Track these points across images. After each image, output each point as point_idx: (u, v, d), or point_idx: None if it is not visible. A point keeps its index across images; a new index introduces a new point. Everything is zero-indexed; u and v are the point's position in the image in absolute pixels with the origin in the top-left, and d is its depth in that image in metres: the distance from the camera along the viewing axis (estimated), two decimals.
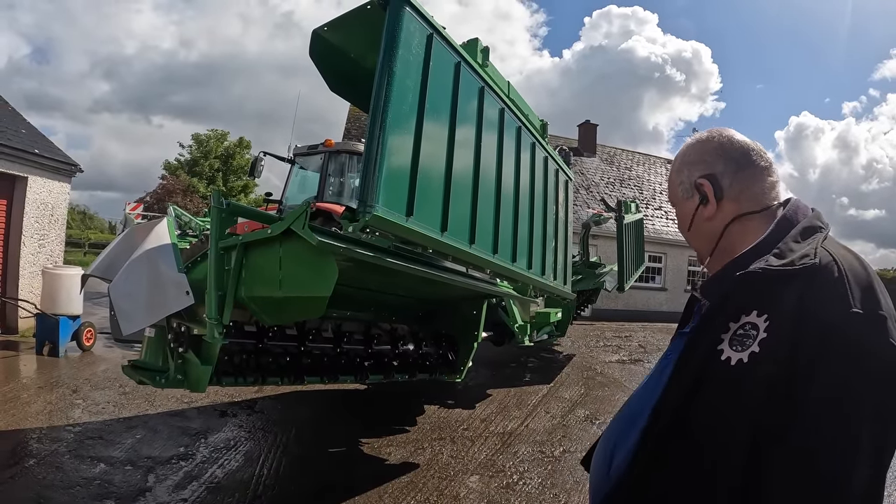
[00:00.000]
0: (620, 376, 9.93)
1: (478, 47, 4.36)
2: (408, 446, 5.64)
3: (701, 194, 1.34)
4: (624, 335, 15.92)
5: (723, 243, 1.32)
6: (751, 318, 1.10)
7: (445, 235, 3.63)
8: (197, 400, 6.61)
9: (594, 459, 1.43)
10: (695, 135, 1.44)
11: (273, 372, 4.38)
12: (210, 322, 3.51)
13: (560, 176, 6.17)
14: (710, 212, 1.33)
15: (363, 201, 2.93)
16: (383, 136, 2.98)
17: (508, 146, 4.69)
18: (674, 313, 22.82)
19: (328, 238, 3.16)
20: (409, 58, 3.27)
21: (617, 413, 1.46)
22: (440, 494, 4.60)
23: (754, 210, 1.29)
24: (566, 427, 6.66)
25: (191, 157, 42.12)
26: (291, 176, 11.79)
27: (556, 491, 4.81)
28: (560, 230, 6.13)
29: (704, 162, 1.35)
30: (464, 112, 3.88)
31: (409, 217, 3.24)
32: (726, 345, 1.11)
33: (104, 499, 4.11)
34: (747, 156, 1.32)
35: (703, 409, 1.10)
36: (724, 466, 1.05)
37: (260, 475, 4.73)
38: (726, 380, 1.08)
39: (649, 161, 30.65)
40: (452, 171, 3.70)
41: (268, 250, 3.50)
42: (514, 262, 4.77)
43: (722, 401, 1.08)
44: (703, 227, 1.36)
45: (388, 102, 3.03)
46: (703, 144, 1.38)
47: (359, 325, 5.22)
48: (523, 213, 5.05)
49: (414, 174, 3.29)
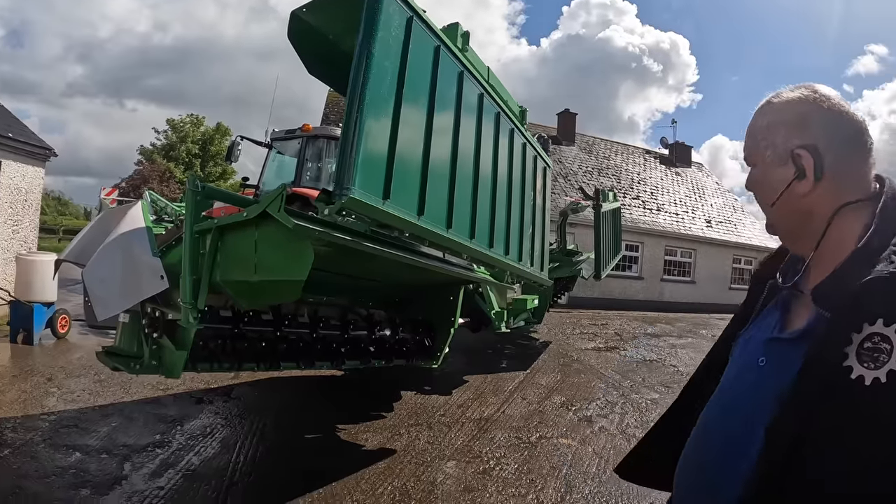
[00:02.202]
0: (597, 363, 10.01)
1: (458, 31, 4.33)
2: (384, 432, 5.64)
3: (798, 167, 1.15)
4: (600, 323, 16.05)
5: (829, 236, 1.14)
6: (878, 329, 0.96)
7: (422, 219, 3.62)
8: (173, 387, 6.56)
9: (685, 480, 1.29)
10: (794, 89, 1.22)
11: (249, 357, 4.35)
12: (184, 306, 3.46)
13: (538, 163, 6.18)
14: (805, 189, 1.15)
15: (339, 183, 2.90)
16: (361, 117, 2.95)
17: (487, 131, 4.68)
18: (649, 301, 23.11)
19: (304, 221, 3.12)
20: (389, 40, 3.24)
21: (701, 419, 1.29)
22: (417, 480, 4.60)
23: (860, 198, 1.13)
24: (542, 413, 6.70)
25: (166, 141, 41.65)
26: (268, 161, 11.69)
27: (532, 476, 4.84)
28: (538, 217, 6.15)
29: (807, 128, 1.15)
30: (443, 96, 3.86)
31: (385, 200, 3.22)
32: (854, 360, 0.96)
33: (80, 488, 4.05)
34: (860, 135, 1.16)
35: (837, 432, 0.96)
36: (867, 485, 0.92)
37: (236, 462, 4.69)
38: (861, 402, 0.94)
39: (627, 150, 30.81)
40: (430, 155, 3.69)
41: (243, 234, 3.45)
42: (492, 248, 4.78)
43: (858, 422, 0.94)
44: (792, 203, 1.18)
45: (366, 84, 3.00)
46: (809, 106, 1.17)
47: (335, 310, 5.19)
48: (501, 198, 5.05)
49: (391, 157, 3.27)
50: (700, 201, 28.96)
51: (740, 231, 28.35)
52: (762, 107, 1.25)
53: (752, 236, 28.40)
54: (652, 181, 28.27)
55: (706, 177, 32.62)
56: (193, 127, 42.55)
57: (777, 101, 1.22)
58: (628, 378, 9.03)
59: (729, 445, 1.15)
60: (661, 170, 30.21)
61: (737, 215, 29.80)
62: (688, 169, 31.89)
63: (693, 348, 12.92)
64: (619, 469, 1.57)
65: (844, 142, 1.14)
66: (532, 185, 5.93)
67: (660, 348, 12.49)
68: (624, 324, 16.41)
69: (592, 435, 6.04)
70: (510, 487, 4.60)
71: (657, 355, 11.51)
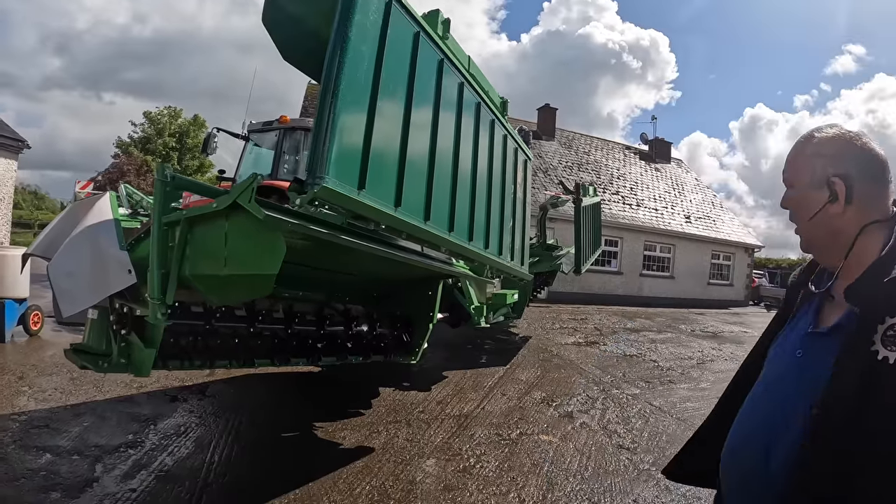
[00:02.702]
0: (577, 358, 9.99)
1: (438, 19, 4.23)
2: (363, 430, 5.53)
3: (832, 192, 1.41)
4: (580, 318, 16.08)
5: (856, 249, 1.39)
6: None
7: (399, 211, 3.48)
8: (147, 385, 6.42)
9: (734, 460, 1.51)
10: (832, 127, 1.49)
11: (222, 355, 4.21)
12: (152, 302, 3.29)
13: (519, 155, 6.08)
14: (837, 210, 1.41)
15: (312, 172, 2.77)
16: (335, 104, 2.82)
17: (467, 122, 4.58)
18: (629, 296, 23.23)
19: (276, 212, 2.99)
20: (366, 24, 3.11)
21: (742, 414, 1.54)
22: (396, 479, 4.50)
23: (881, 219, 1.39)
24: (523, 409, 6.63)
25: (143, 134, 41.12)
26: (245, 153, 11.48)
27: (513, 474, 4.76)
28: (518, 210, 6.05)
29: (843, 161, 1.41)
30: (422, 84, 3.73)
31: (360, 190, 3.08)
32: (879, 345, 1.23)
33: (50, 491, 3.90)
34: (884, 171, 1.42)
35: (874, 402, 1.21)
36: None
37: (211, 462, 4.56)
38: (890, 372, 1.20)
39: (608, 146, 30.94)
40: (408, 145, 3.55)
41: (213, 225, 3.27)
42: (471, 241, 4.67)
43: (891, 390, 1.20)
44: (825, 222, 1.43)
45: (341, 69, 2.87)
46: (844, 143, 1.44)
47: (311, 305, 5.06)
48: (481, 191, 4.95)
49: (367, 146, 3.13)
50: (679, 197, 29.15)
51: (719, 227, 28.57)
52: (805, 140, 1.50)
53: (730, 232, 28.66)
54: (631, 177, 28.41)
55: (685, 173, 32.84)
56: (171, 120, 42.05)
57: (819, 135, 1.48)
58: (608, 373, 9.02)
59: (773, 419, 1.41)
60: (641, 165, 30.38)
61: (716, 211, 30.05)
62: (667, 165, 32.09)
63: (672, 343, 12.98)
64: (667, 471, 1.84)
65: (871, 174, 1.41)
66: (513, 177, 5.83)
67: (639, 343, 12.52)
68: (604, 319, 16.44)
69: (574, 431, 5.99)
70: (491, 486, 4.52)
71: (637, 350, 11.54)
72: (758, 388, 1.53)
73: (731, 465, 1.52)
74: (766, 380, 1.52)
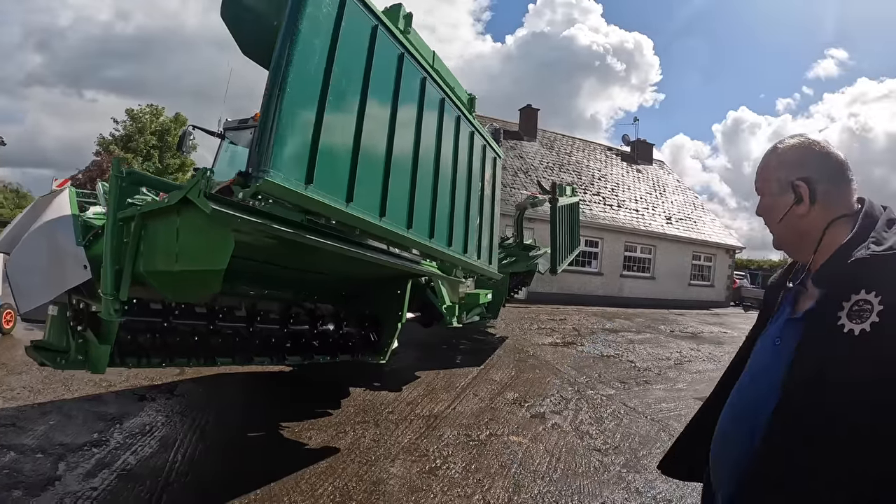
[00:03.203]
0: (553, 359, 9.96)
1: (400, 13, 4.20)
2: (329, 430, 5.46)
3: (797, 194, 1.54)
4: (559, 318, 16.07)
5: (824, 242, 1.50)
6: (862, 296, 1.32)
7: (351, 206, 3.44)
8: (116, 384, 6.39)
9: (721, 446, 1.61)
10: (793, 137, 1.63)
11: (180, 352, 4.15)
12: (105, 298, 3.27)
13: (487, 152, 6.03)
14: (803, 210, 1.54)
15: (256, 166, 2.72)
16: (282, 97, 2.78)
17: (429, 117, 4.54)
18: (609, 297, 23.29)
19: (225, 207, 2.93)
20: (319, 16, 3.07)
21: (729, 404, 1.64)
22: (359, 480, 4.44)
23: (845, 214, 1.50)
24: (494, 410, 6.58)
25: (125, 132, 40.75)
26: (221, 151, 11.35)
27: (480, 476, 4.71)
28: (486, 208, 6.00)
29: (803, 166, 1.55)
30: (379, 78, 3.69)
31: (308, 185, 3.04)
32: (846, 319, 1.32)
33: (12, 489, 3.88)
34: (843, 170, 1.54)
35: (837, 370, 1.30)
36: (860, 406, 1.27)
37: (174, 461, 4.52)
38: (854, 343, 1.29)
39: (589, 147, 31.03)
40: (362, 140, 3.51)
41: (166, 221, 3.25)
42: (432, 239, 4.62)
43: (853, 361, 1.29)
44: (793, 222, 1.57)
45: (290, 62, 2.85)
46: (804, 150, 1.57)
47: (276, 304, 5.01)
48: (444, 187, 4.91)
49: (316, 140, 3.08)
50: (661, 198, 29.28)
51: (700, 228, 28.72)
52: (771, 152, 1.64)
53: (711, 233, 28.81)
54: (613, 178, 28.49)
55: (667, 174, 33.00)
56: (152, 118, 41.70)
57: (782, 146, 1.62)
58: (584, 373, 8.99)
59: (756, 403, 1.48)
60: (623, 167, 30.49)
61: (697, 212, 30.20)
62: (649, 166, 32.22)
63: (651, 343, 13.00)
64: (662, 465, 1.94)
65: (830, 175, 1.54)
66: (480, 175, 5.78)
67: (617, 343, 12.53)
68: (583, 319, 16.46)
69: (545, 432, 5.94)
70: (456, 487, 4.47)
71: (615, 351, 11.54)
72: (744, 378, 1.63)
73: (721, 453, 1.61)
74: (751, 370, 1.62)
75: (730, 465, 1.55)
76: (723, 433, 1.62)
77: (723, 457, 1.60)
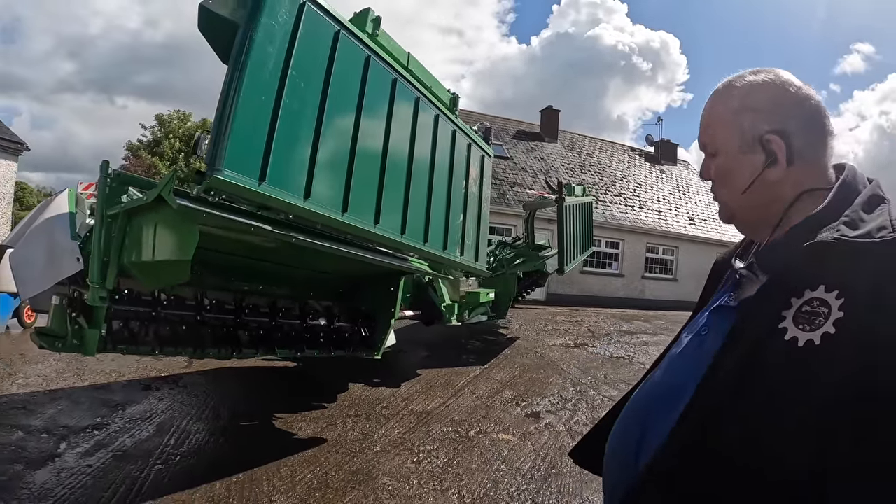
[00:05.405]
0: (559, 359, 9.93)
1: (368, 17, 4.38)
2: (320, 422, 5.61)
3: (768, 153, 1.12)
4: (575, 320, 15.99)
5: (790, 215, 1.13)
6: (818, 294, 0.97)
7: (309, 202, 3.60)
8: (125, 374, 6.77)
9: (613, 445, 1.29)
10: (756, 73, 1.19)
11: (168, 341, 4.41)
12: (92, 286, 3.64)
13: (473, 150, 6.08)
14: (777, 175, 1.12)
15: (210, 164, 2.91)
16: (237, 99, 3.02)
17: (402, 116, 4.68)
18: (630, 299, 23.11)
19: (191, 202, 3.19)
20: (274, 25, 3.32)
21: (637, 392, 1.33)
22: (339, 469, 4.57)
23: (821, 187, 1.12)
24: (489, 408, 6.63)
25: (153, 137, 41.62)
26: None
27: (459, 471, 4.78)
28: (472, 206, 6.05)
29: (777, 113, 1.12)
30: (343, 79, 3.86)
31: (262, 182, 3.23)
32: (790, 323, 0.97)
33: (14, 463, 4.25)
34: (822, 117, 1.14)
35: (763, 393, 0.96)
36: (789, 456, 0.91)
37: (166, 445, 4.78)
38: (793, 361, 0.94)
39: (612, 148, 30.86)
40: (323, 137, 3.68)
41: (146, 217, 3.59)
42: (404, 235, 4.72)
43: (788, 386, 0.94)
44: (762, 191, 1.14)
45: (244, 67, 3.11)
46: (775, 91, 1.14)
47: (267, 298, 5.22)
48: (419, 184, 5.02)
49: (270, 139, 3.26)
50: (684, 199, 28.98)
51: (724, 229, 28.28)
52: (723, 91, 1.21)
53: (736, 234, 28.00)
54: (635, 178, 28.28)
55: (692, 175, 32.63)
56: (180, 122, 42.50)
57: (741, 84, 1.18)
58: (590, 374, 8.95)
59: (663, 403, 1.15)
60: (646, 167, 30.25)
61: None
62: (673, 167, 31.92)
63: (665, 346, 12.85)
64: (573, 453, 1.57)
65: (809, 124, 1.13)
66: (464, 173, 5.84)
67: (630, 345, 12.41)
68: (600, 321, 16.35)
69: (536, 431, 5.96)
70: (433, 481, 4.55)
71: (626, 352, 11.42)
72: (656, 374, 1.31)
73: (608, 462, 1.30)
74: (665, 366, 1.29)
75: (610, 486, 1.27)
76: (611, 442, 1.31)
77: (608, 468, 1.30)
